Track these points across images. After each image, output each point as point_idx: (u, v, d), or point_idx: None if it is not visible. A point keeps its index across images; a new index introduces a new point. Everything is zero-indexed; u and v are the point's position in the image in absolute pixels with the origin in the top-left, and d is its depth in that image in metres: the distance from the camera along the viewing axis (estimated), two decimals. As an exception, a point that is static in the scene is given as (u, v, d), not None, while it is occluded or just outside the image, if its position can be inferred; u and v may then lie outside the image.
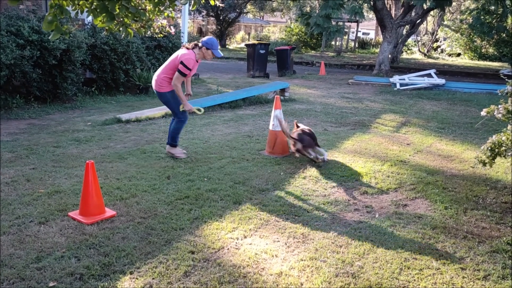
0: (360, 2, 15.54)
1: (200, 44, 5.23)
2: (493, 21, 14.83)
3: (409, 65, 20.76)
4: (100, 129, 6.98)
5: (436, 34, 28.98)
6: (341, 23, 22.53)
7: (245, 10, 33.32)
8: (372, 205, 4.30)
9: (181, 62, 5.08)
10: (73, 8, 3.48)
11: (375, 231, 3.72)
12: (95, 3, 3.39)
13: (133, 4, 3.56)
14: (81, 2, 3.43)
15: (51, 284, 2.84)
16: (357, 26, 30.43)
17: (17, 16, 8.20)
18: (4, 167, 4.98)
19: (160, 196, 4.31)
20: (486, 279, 3.06)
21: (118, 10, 3.43)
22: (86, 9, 3.50)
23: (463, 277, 3.07)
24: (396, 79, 13.43)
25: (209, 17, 32.90)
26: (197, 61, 5.25)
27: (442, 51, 29.31)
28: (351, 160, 5.72)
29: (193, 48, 5.23)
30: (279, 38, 30.62)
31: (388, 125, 8.10)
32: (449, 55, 28.29)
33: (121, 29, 3.86)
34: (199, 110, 5.52)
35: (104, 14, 3.34)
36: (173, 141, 5.56)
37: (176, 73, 5.11)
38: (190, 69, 5.13)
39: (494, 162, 4.19)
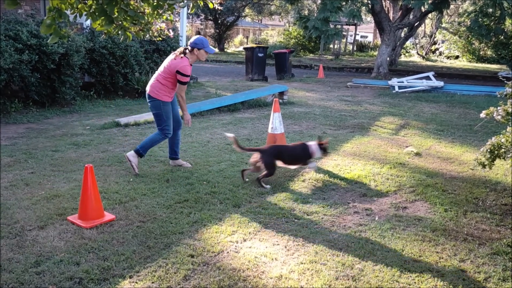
0: (358, 5, 15.56)
1: (189, 48, 4.96)
2: (491, 24, 14.87)
3: (407, 68, 20.81)
4: (99, 133, 6.97)
5: (434, 37, 29.08)
6: (339, 26, 22.57)
7: (243, 14, 33.39)
8: (372, 208, 4.30)
9: (178, 72, 4.86)
10: (71, 11, 3.47)
11: (375, 234, 3.72)
12: (93, 7, 3.38)
13: (131, 7, 3.55)
14: (79, 6, 3.42)
15: (50, 288, 2.83)
16: (355, 29, 30.51)
17: (16, 21, 8.20)
18: (2, 172, 4.96)
19: (159, 199, 4.30)
20: (487, 282, 3.06)
21: (116, 13, 3.42)
22: (84, 13, 3.49)
23: (464, 280, 3.07)
24: (394, 81, 13.45)
25: (207, 20, 32.99)
26: (191, 65, 5.02)
27: (440, 54, 29.41)
28: (350, 163, 5.72)
29: (185, 54, 4.96)
30: (278, 42, 30.66)
31: (387, 127, 8.10)
32: (448, 57, 28.38)
33: (119, 32, 3.84)
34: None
35: (102, 18, 3.33)
36: (142, 150, 5.05)
37: (178, 84, 4.93)
38: (189, 76, 4.94)
39: (494, 164, 4.19)
